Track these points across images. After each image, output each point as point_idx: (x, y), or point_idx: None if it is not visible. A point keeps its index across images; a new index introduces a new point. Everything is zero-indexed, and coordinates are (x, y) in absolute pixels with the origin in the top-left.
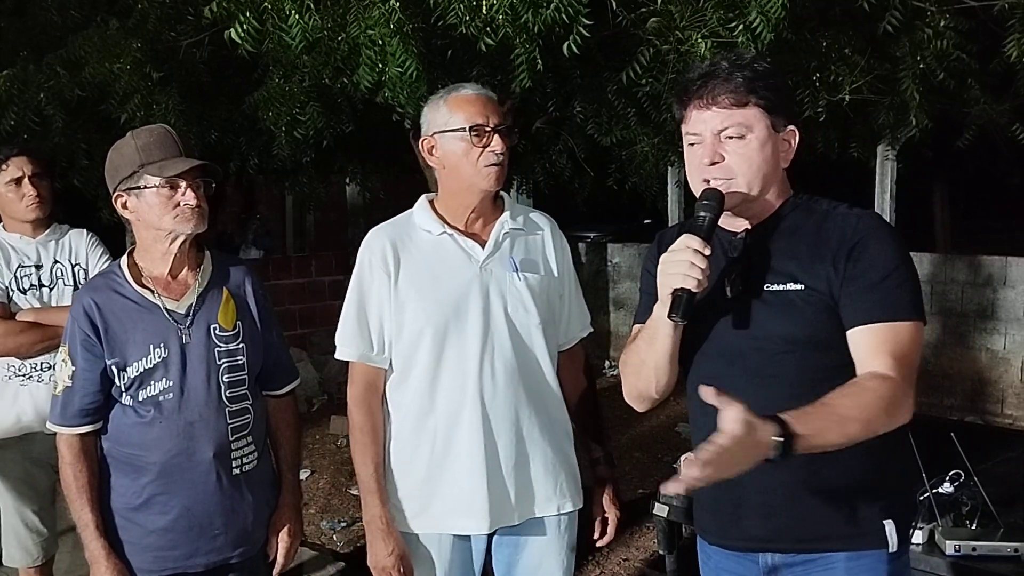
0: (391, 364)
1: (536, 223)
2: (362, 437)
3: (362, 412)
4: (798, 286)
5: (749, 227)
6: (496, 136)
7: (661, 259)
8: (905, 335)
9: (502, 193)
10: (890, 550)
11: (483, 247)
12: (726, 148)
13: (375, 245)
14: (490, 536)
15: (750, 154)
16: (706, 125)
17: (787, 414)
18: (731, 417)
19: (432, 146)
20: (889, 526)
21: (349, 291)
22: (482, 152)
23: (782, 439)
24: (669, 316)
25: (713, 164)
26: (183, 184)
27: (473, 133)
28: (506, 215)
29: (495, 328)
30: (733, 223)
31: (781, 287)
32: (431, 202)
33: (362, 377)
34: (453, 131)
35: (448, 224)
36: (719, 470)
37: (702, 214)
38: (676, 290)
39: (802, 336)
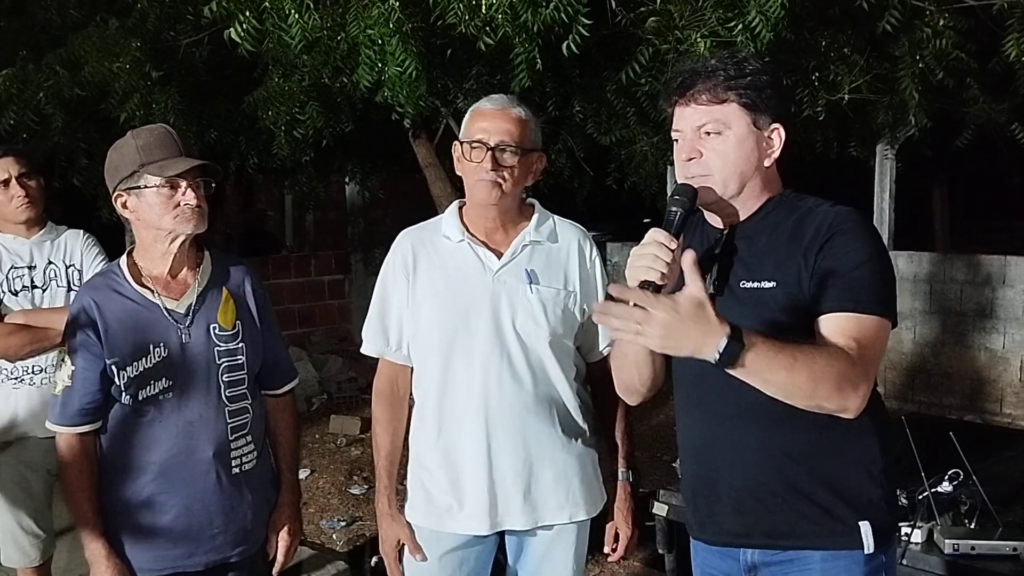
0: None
1: (561, 234)
2: (379, 429)
3: (381, 405)
4: (770, 284)
5: (732, 224)
6: (489, 154)
7: (631, 252)
8: (869, 328)
9: (533, 202)
10: (866, 551)
11: (500, 257)
12: (704, 144)
13: (398, 248)
14: (501, 537)
15: (727, 150)
16: (686, 121)
17: (747, 329)
18: (697, 286)
19: (459, 155)
20: (865, 527)
21: (375, 289)
22: (475, 167)
23: (730, 339)
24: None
25: (690, 159)
26: (183, 184)
27: (467, 145)
28: (530, 225)
29: (504, 339)
30: (718, 220)
31: (755, 285)
32: (460, 208)
33: (385, 372)
34: (462, 141)
35: (469, 232)
36: (654, 322)
37: (673, 209)
38: (641, 282)
39: (771, 334)
